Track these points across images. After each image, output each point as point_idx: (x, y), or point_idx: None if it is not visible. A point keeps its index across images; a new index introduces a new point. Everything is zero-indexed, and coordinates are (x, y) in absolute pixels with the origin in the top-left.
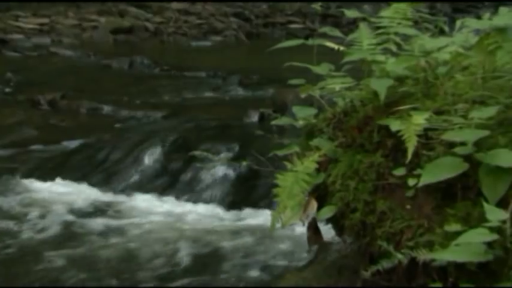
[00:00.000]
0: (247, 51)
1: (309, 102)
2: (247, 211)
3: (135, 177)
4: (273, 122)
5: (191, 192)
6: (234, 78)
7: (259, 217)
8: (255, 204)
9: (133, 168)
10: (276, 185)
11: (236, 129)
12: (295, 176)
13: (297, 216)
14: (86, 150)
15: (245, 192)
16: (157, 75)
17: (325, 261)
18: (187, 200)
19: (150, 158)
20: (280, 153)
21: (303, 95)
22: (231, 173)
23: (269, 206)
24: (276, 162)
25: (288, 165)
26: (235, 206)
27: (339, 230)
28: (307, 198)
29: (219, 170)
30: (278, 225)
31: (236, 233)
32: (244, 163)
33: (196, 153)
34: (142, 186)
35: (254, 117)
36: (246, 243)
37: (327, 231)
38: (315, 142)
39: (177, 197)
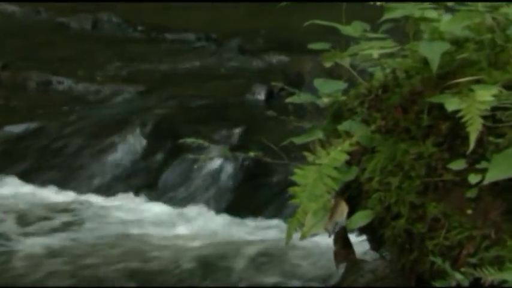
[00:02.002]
0: (250, 7)
1: (335, 74)
2: (253, 218)
3: (103, 174)
4: (288, 100)
5: (179, 193)
6: (233, 42)
7: (269, 226)
8: (264, 209)
9: (101, 161)
10: (294, 183)
11: (237, 109)
12: (319, 172)
13: (321, 225)
14: (36, 138)
15: (251, 193)
16: (130, 38)
17: (357, 284)
18: (174, 204)
19: (123, 148)
20: (299, 141)
21: (327, 64)
22: (232, 167)
23: (283, 211)
24: (292, 153)
25: (309, 156)
26: (238, 211)
27: (376, 242)
28: (335, 201)
29: (216, 163)
30: (296, 236)
31: (239, 247)
32: (251, 154)
33: (188, 141)
34: (113, 186)
35: (260, 94)
36: (252, 260)
37: (360, 245)
38: (344, 126)
39: (160, 200)
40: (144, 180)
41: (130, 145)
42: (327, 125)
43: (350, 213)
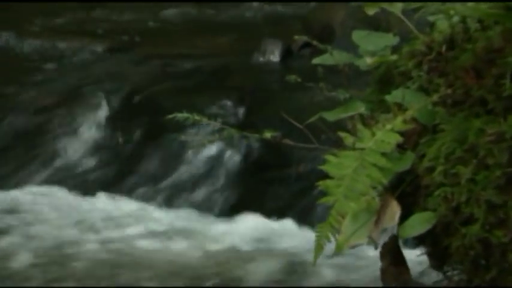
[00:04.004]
0: None
1: (379, 25)
2: (267, 224)
3: (56, 163)
4: (315, 61)
5: (163, 189)
6: None
7: (291, 234)
8: (283, 212)
9: (54, 146)
10: (325, 176)
11: (242, 74)
12: (361, 159)
13: (364, 233)
14: None
15: (264, 189)
16: None
17: None
18: (161, 204)
19: (85, 128)
20: (331, 117)
21: (370, 11)
22: (239, 154)
23: (310, 214)
24: (322, 133)
25: (347, 139)
26: (246, 214)
27: (439, 257)
28: (383, 200)
29: (216, 148)
30: (328, 248)
31: (249, 261)
32: (266, 135)
33: (178, 117)
34: (68, 179)
35: (274, 53)
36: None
37: (417, 260)
38: (395, 96)
39: (135, 198)
40: (114, 171)
41: (94, 123)
42: (371, 95)
43: (403, 217)
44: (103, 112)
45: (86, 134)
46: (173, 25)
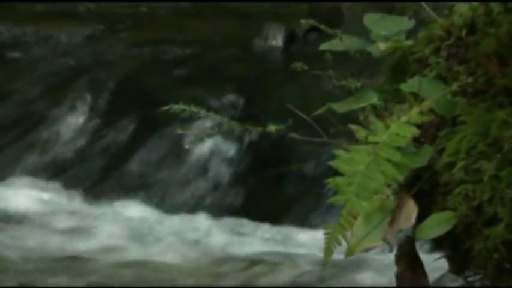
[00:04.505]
0: None
1: (393, 7)
2: (272, 226)
3: (36, 161)
4: (323, 46)
5: (156, 190)
6: None
7: (296, 238)
8: (289, 212)
9: (34, 141)
10: (335, 172)
11: (242, 62)
12: (374, 154)
13: (378, 234)
14: None
15: (268, 188)
16: None
17: None
18: (156, 206)
19: (70, 120)
20: (341, 108)
21: None
22: (240, 149)
23: (319, 214)
24: (331, 126)
25: (358, 132)
26: (248, 216)
27: (460, 261)
28: (398, 198)
29: (215, 143)
30: (338, 251)
31: (246, 267)
32: (270, 128)
33: (174, 109)
34: (49, 178)
35: (276, 38)
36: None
37: (435, 264)
38: (410, 86)
39: (124, 200)
40: (100, 170)
41: (80, 116)
42: (385, 84)
43: (420, 217)
44: (89, 103)
45: (70, 127)
46: (166, 8)
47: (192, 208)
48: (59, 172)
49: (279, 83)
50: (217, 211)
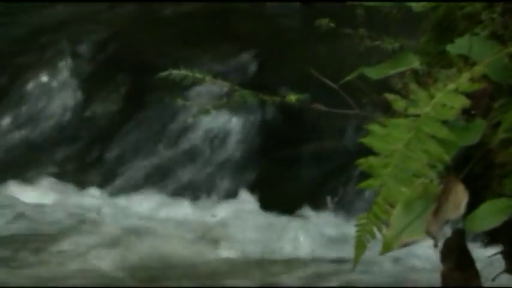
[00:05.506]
0: None
1: None
2: (289, 216)
3: (16, 134)
4: None
5: (156, 169)
6: None
7: (320, 231)
8: (311, 199)
9: (13, 111)
10: (367, 151)
11: (253, 17)
12: (415, 129)
13: (420, 226)
14: None
15: (286, 170)
16: None
17: None
18: (140, 192)
19: (51, 87)
20: (375, 74)
21: None
22: (253, 123)
23: (348, 202)
24: (363, 96)
25: (396, 102)
26: (261, 203)
27: None
28: (444, 183)
29: (223, 116)
30: (372, 248)
31: (263, 266)
32: (290, 98)
33: (173, 75)
34: (21, 161)
35: None
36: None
37: (488, 262)
38: (459, 46)
39: (111, 185)
40: (81, 147)
41: (58, 82)
42: (428, 45)
43: (471, 205)
44: (69, 67)
45: (45, 97)
46: None
47: (193, 194)
48: (34, 151)
49: (299, 44)
50: (225, 196)
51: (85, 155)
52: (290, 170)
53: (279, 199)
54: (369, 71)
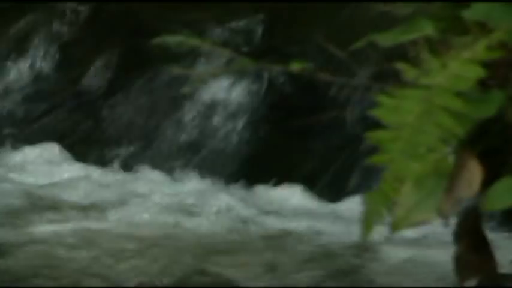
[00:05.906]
0: None
1: None
2: (299, 194)
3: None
4: None
5: (151, 145)
6: None
7: (325, 210)
8: (317, 177)
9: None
10: (377, 124)
11: None
12: (427, 101)
13: (432, 206)
14: None
15: (291, 143)
16: None
17: None
18: (132, 168)
19: (30, 51)
20: (387, 41)
21: None
22: (255, 95)
23: (355, 179)
24: (374, 64)
25: (408, 72)
26: (262, 182)
27: None
28: (458, 158)
29: (224, 85)
30: (379, 226)
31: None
32: (294, 66)
33: (169, 41)
34: (17, 127)
35: None
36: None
37: (505, 245)
38: (475, 12)
39: (126, 165)
40: (75, 120)
41: (38, 44)
42: (442, 10)
43: (487, 183)
44: (52, 32)
45: (26, 64)
46: None
47: (191, 172)
48: (17, 123)
49: (306, 7)
50: (225, 175)
51: (75, 123)
52: (296, 143)
53: (281, 174)
54: (380, 37)
